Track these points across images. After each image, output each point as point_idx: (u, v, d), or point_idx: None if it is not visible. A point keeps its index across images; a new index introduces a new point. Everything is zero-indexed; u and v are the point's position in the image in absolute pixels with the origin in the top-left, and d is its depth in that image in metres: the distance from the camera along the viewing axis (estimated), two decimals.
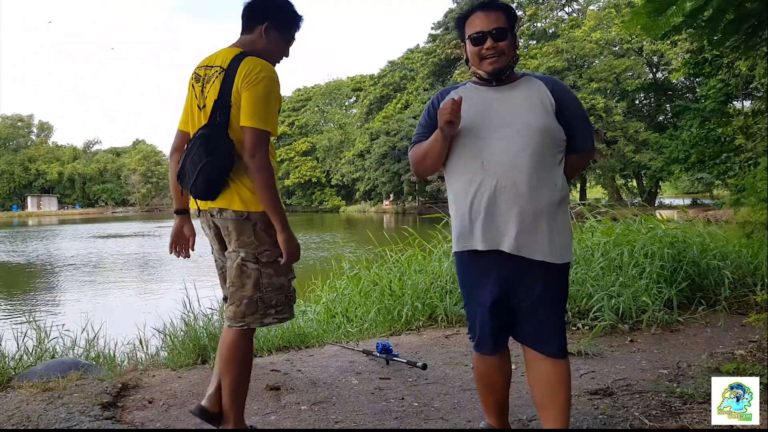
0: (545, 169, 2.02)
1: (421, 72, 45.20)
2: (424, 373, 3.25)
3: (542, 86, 2.08)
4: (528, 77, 2.13)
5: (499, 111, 2.07)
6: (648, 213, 6.19)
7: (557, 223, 2.04)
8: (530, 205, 1.99)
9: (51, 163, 72.51)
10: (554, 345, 2.07)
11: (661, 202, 35.27)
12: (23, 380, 3.15)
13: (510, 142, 2.01)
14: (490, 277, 2.07)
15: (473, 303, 2.17)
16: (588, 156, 2.17)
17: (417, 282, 4.90)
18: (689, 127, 23.65)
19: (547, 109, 2.04)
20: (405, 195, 47.06)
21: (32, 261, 19.48)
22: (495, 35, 2.04)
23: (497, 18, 2.06)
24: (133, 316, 4.99)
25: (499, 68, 2.07)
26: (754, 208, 6.03)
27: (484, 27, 2.05)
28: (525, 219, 1.99)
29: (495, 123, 2.05)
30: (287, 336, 4.00)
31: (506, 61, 2.07)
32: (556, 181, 2.05)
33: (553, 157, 2.04)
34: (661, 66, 33.81)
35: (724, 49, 5.77)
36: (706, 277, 4.68)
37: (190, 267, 16.21)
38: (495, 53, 2.05)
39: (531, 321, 2.07)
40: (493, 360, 2.20)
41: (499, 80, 2.10)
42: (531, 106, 2.04)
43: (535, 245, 2.00)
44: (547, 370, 2.08)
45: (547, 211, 2.01)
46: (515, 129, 2.02)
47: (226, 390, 2.25)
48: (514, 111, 2.05)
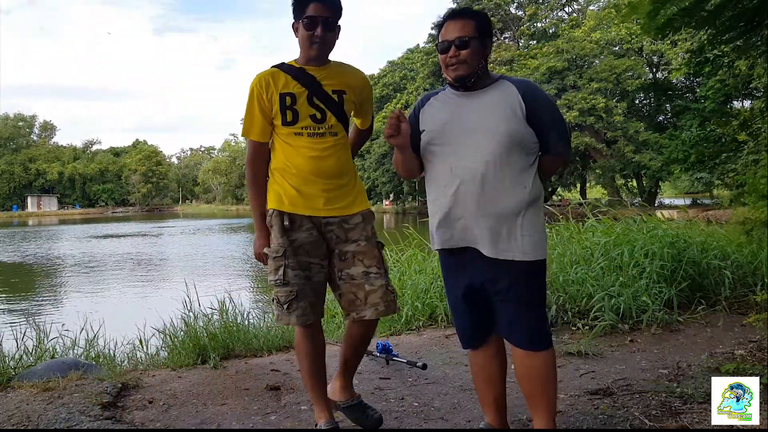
0: (513, 172, 2.07)
1: (421, 72, 45.08)
2: (424, 373, 3.25)
3: (513, 91, 2.11)
4: (502, 81, 2.16)
5: (467, 117, 2.13)
6: (648, 213, 6.18)
7: (526, 222, 2.08)
8: (496, 207, 2.06)
9: (51, 163, 72.51)
10: (525, 337, 2.12)
11: (661, 202, 35.24)
12: (23, 380, 3.15)
13: (476, 148, 2.08)
14: (460, 274, 2.18)
15: (450, 299, 2.31)
16: (561, 157, 2.20)
17: (417, 282, 4.90)
18: (689, 127, 23.61)
19: (516, 113, 2.07)
20: (405, 195, 47.05)
21: (32, 261, 19.48)
22: (458, 44, 2.09)
23: (463, 26, 2.10)
24: (133, 316, 4.99)
25: (461, 76, 2.11)
26: (754, 206, 6.03)
27: (449, 36, 2.11)
28: (490, 220, 2.06)
29: (463, 129, 2.12)
30: (287, 336, 3.99)
31: (468, 69, 2.11)
32: (525, 183, 2.09)
33: (521, 160, 2.09)
34: (661, 66, 33.78)
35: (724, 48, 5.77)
36: (707, 276, 4.68)
37: (191, 267, 16.23)
38: (456, 62, 2.10)
39: (503, 316, 2.14)
40: (482, 354, 2.27)
41: (465, 87, 2.15)
42: (498, 112, 2.08)
43: (501, 244, 2.07)
44: (524, 363, 2.15)
45: (515, 212, 2.07)
46: (482, 134, 2.08)
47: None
48: (481, 117, 2.10)
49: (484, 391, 2.31)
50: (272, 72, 2.38)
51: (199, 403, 2.89)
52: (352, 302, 2.40)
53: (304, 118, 2.33)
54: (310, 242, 2.35)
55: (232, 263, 18.03)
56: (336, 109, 2.36)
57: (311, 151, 2.33)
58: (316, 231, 2.36)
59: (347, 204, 2.39)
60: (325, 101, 2.35)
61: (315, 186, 2.34)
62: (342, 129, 2.41)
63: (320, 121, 2.34)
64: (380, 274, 2.39)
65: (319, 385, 2.42)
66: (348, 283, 2.40)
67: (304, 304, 2.32)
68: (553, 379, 2.15)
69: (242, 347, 3.81)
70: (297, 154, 2.34)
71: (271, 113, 2.36)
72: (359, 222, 2.40)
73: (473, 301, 2.18)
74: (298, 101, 2.33)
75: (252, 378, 3.26)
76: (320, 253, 2.38)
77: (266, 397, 2.96)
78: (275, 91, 2.34)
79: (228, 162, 79.82)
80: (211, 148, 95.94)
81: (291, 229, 2.33)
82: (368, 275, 2.38)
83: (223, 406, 2.86)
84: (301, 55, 2.39)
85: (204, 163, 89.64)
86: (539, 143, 2.13)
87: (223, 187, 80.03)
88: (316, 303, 2.38)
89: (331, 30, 2.33)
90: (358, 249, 2.39)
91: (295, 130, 2.34)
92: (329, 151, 2.35)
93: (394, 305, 2.43)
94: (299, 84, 2.34)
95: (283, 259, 2.33)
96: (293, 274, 2.32)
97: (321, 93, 2.34)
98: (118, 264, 18.46)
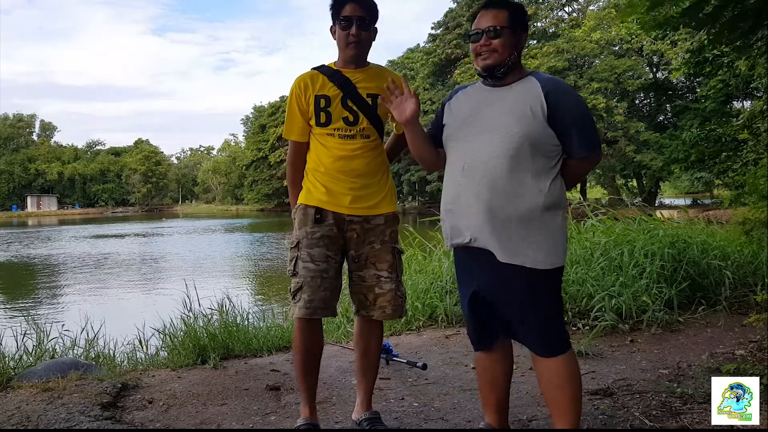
0: (527, 175, 2.01)
1: (421, 72, 45.07)
2: (424, 373, 3.24)
3: (537, 90, 2.04)
4: (530, 78, 2.10)
5: (485, 114, 2.09)
6: (648, 213, 6.18)
7: (541, 228, 2.01)
8: (505, 211, 2.00)
9: (51, 163, 72.51)
10: (539, 343, 2.08)
11: (661, 202, 35.23)
12: (23, 380, 3.15)
13: (490, 148, 2.03)
14: (472, 275, 2.15)
15: (461, 297, 2.28)
16: (587, 161, 2.11)
17: (417, 282, 4.89)
18: (689, 127, 23.57)
19: (536, 114, 2.01)
20: (405, 195, 47.02)
21: (32, 261, 19.48)
22: (489, 33, 2.06)
23: (496, 16, 2.07)
24: (132, 316, 4.99)
25: (489, 65, 2.07)
26: (754, 206, 6.03)
27: (481, 25, 2.08)
28: (498, 223, 2.01)
29: (479, 127, 2.09)
30: (287, 336, 3.99)
31: (497, 59, 2.06)
32: (542, 187, 2.01)
33: (538, 162, 2.02)
34: (662, 66, 33.78)
35: (724, 47, 5.76)
36: (707, 276, 4.67)
37: (191, 267, 16.23)
38: (486, 51, 2.06)
39: (518, 322, 2.09)
40: (489, 356, 2.24)
41: (494, 77, 2.10)
42: (517, 111, 2.03)
43: (512, 249, 2.01)
44: (543, 370, 2.10)
45: (528, 217, 2.00)
46: (497, 134, 2.03)
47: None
48: (498, 115, 2.06)
49: (486, 393, 2.29)
50: (311, 74, 2.42)
51: (199, 403, 2.89)
52: (363, 302, 2.46)
53: (337, 120, 2.36)
54: (330, 236, 2.37)
55: (232, 263, 18.03)
56: (369, 113, 2.38)
57: (340, 150, 2.37)
58: (337, 228, 2.39)
59: (373, 205, 2.41)
60: (359, 104, 2.37)
61: (342, 184, 2.37)
62: (375, 132, 2.42)
63: (352, 123, 2.37)
64: (391, 278, 2.41)
65: (307, 382, 2.44)
66: (358, 285, 2.45)
67: (309, 296, 2.32)
68: (575, 383, 2.06)
69: (242, 347, 3.81)
70: (327, 154, 2.38)
71: (308, 114, 2.40)
72: (380, 224, 2.42)
73: (481, 303, 2.14)
74: (332, 103, 2.37)
75: (252, 378, 3.26)
76: (336, 248, 2.40)
77: (266, 397, 2.96)
78: (312, 93, 2.38)
79: (228, 162, 79.80)
80: (210, 148, 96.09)
81: (317, 222, 2.36)
82: (379, 278, 2.41)
83: (223, 406, 2.86)
84: (340, 57, 2.42)
85: (204, 163, 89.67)
86: (561, 146, 2.05)
87: (223, 187, 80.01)
88: (330, 297, 2.38)
89: (366, 29, 2.35)
90: (371, 252, 2.41)
91: (328, 132, 2.38)
92: (358, 152, 2.38)
93: (401, 309, 2.45)
94: (335, 86, 2.37)
95: (297, 250, 2.37)
96: (303, 266, 2.35)
97: (355, 96, 2.37)
98: (118, 264, 18.46)
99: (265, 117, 62.83)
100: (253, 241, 26.18)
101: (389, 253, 2.42)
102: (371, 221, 2.40)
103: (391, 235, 2.45)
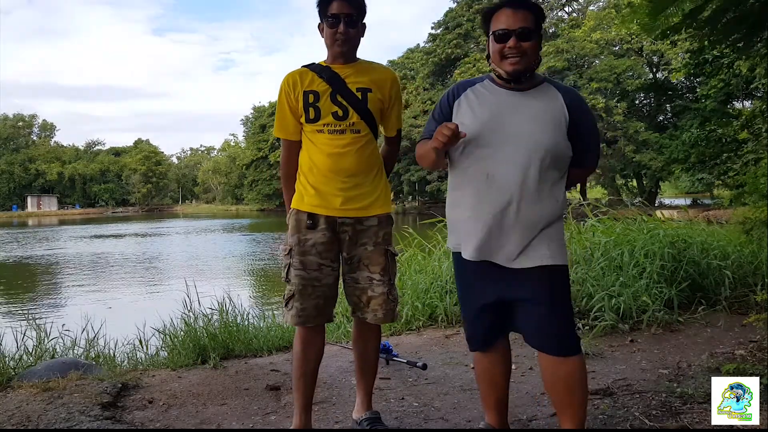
0: (549, 186, 2.01)
1: (421, 72, 45.09)
2: (424, 373, 3.24)
3: (560, 101, 2.02)
4: (548, 86, 2.06)
5: (510, 121, 2.01)
6: (648, 213, 6.17)
7: (554, 232, 2.04)
8: (531, 222, 1.99)
9: (51, 163, 72.51)
10: (555, 342, 2.04)
11: (661, 202, 35.20)
12: (23, 380, 3.15)
13: (517, 158, 1.97)
14: (485, 281, 2.09)
15: (466, 303, 2.23)
16: (591, 170, 2.17)
17: (417, 282, 4.89)
18: (689, 127, 23.59)
19: (560, 125, 1.99)
20: (405, 195, 47.02)
21: (32, 261, 19.47)
22: (520, 35, 1.97)
23: (524, 17, 1.98)
24: (133, 316, 4.99)
25: (520, 70, 2.00)
26: (754, 206, 6.01)
27: (510, 25, 1.97)
28: (524, 234, 1.99)
29: (504, 134, 2.00)
30: (287, 336, 3.99)
31: (528, 62, 2.00)
32: (558, 197, 2.03)
33: (556, 173, 2.02)
34: (662, 66, 33.76)
35: (724, 48, 5.77)
36: (707, 276, 4.67)
37: (191, 267, 16.22)
38: (518, 53, 1.98)
39: (531, 324, 2.07)
40: (488, 357, 2.23)
41: (518, 81, 2.03)
42: (543, 121, 1.99)
43: (530, 255, 2.00)
44: (554, 370, 2.06)
45: (546, 225, 2.01)
46: (524, 144, 1.97)
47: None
48: (525, 123, 1.99)
49: (486, 393, 2.29)
50: (300, 71, 2.40)
51: (199, 403, 2.89)
52: (357, 304, 2.45)
53: (326, 115, 2.34)
54: (323, 243, 2.34)
55: (232, 263, 18.02)
56: (359, 107, 2.35)
57: (330, 147, 2.33)
58: (330, 231, 2.35)
59: (365, 205, 2.37)
60: (348, 99, 2.34)
61: (333, 184, 2.34)
62: (366, 127, 2.37)
63: (341, 118, 2.34)
64: (383, 281, 2.38)
65: (303, 389, 2.39)
66: (352, 287, 2.42)
67: (301, 304, 2.31)
68: (585, 385, 2.08)
69: (242, 347, 3.81)
70: (318, 152, 2.35)
71: (298, 111, 2.38)
72: (373, 226, 2.38)
73: (490, 310, 2.12)
74: (321, 98, 2.34)
75: (252, 378, 3.26)
76: (332, 255, 2.37)
77: (266, 397, 2.96)
78: (301, 90, 2.36)
79: (228, 162, 79.78)
80: (210, 148, 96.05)
81: (309, 228, 2.34)
82: (371, 281, 2.38)
83: (223, 406, 2.86)
84: (328, 54, 2.41)
85: (204, 163, 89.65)
86: (573, 156, 2.05)
87: (223, 187, 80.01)
88: (323, 305, 2.36)
89: (353, 26, 2.34)
90: (364, 254, 2.38)
91: (317, 128, 2.35)
92: (348, 149, 2.34)
93: (392, 314, 2.42)
94: (324, 81, 2.35)
95: (289, 257, 2.35)
96: (295, 274, 2.33)
97: (345, 90, 2.34)
98: (118, 264, 18.45)
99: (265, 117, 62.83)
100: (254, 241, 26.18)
101: (382, 255, 2.38)
102: (364, 222, 2.37)
103: (385, 237, 2.40)
